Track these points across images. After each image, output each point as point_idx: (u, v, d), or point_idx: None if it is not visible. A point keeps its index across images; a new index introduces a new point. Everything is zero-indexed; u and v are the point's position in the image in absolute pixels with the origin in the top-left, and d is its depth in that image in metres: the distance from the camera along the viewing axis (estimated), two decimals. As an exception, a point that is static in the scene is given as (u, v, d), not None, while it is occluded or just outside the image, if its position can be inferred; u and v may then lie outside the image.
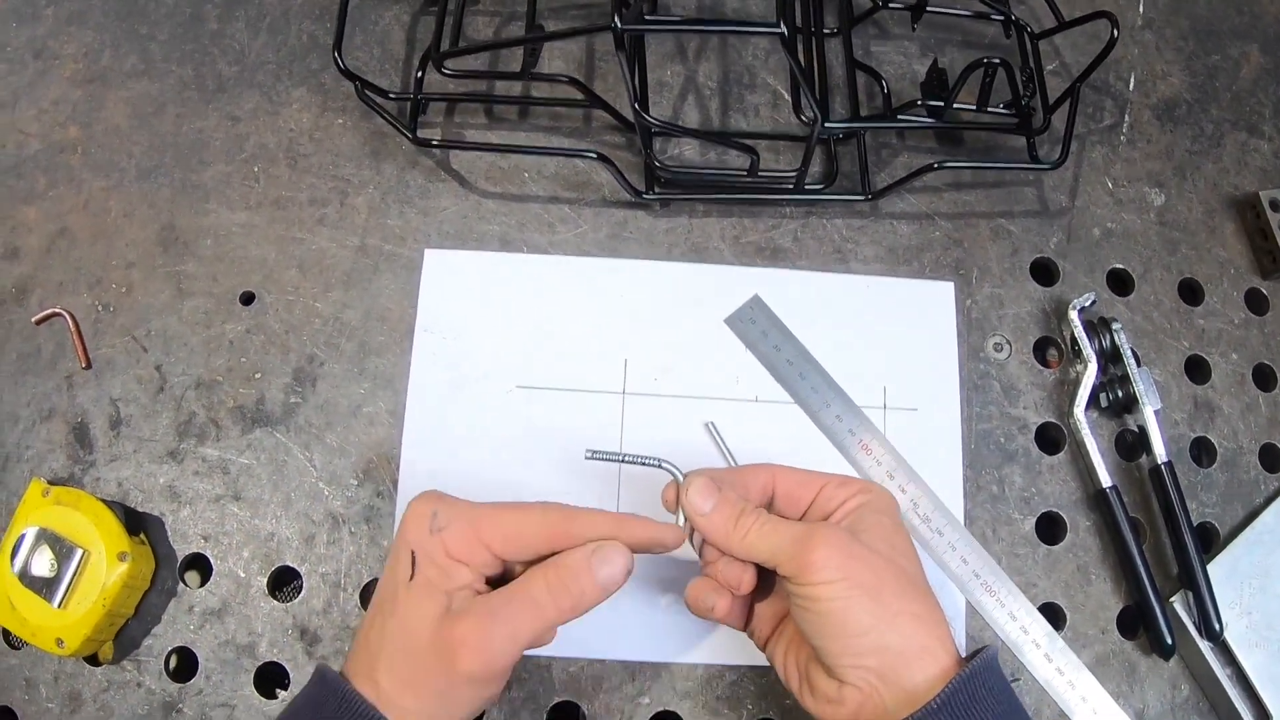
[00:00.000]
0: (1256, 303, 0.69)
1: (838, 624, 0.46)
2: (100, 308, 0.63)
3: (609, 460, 0.54)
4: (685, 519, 0.51)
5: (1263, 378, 0.67)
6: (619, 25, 0.54)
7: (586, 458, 0.53)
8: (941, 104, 0.64)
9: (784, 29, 0.54)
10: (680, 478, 0.52)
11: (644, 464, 0.53)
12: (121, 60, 0.69)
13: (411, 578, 0.48)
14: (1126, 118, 0.72)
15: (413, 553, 0.48)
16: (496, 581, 0.50)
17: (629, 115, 0.59)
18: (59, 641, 0.55)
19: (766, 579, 0.52)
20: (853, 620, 0.45)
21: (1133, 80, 0.73)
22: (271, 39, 0.70)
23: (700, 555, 0.53)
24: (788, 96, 0.69)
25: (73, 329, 0.63)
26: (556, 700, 0.58)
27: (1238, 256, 0.69)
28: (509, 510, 0.49)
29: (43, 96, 0.68)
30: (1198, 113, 0.73)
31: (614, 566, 0.48)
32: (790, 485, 0.52)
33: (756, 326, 0.64)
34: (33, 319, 0.63)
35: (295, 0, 0.71)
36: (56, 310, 0.63)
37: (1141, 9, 0.75)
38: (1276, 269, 0.68)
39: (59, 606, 0.55)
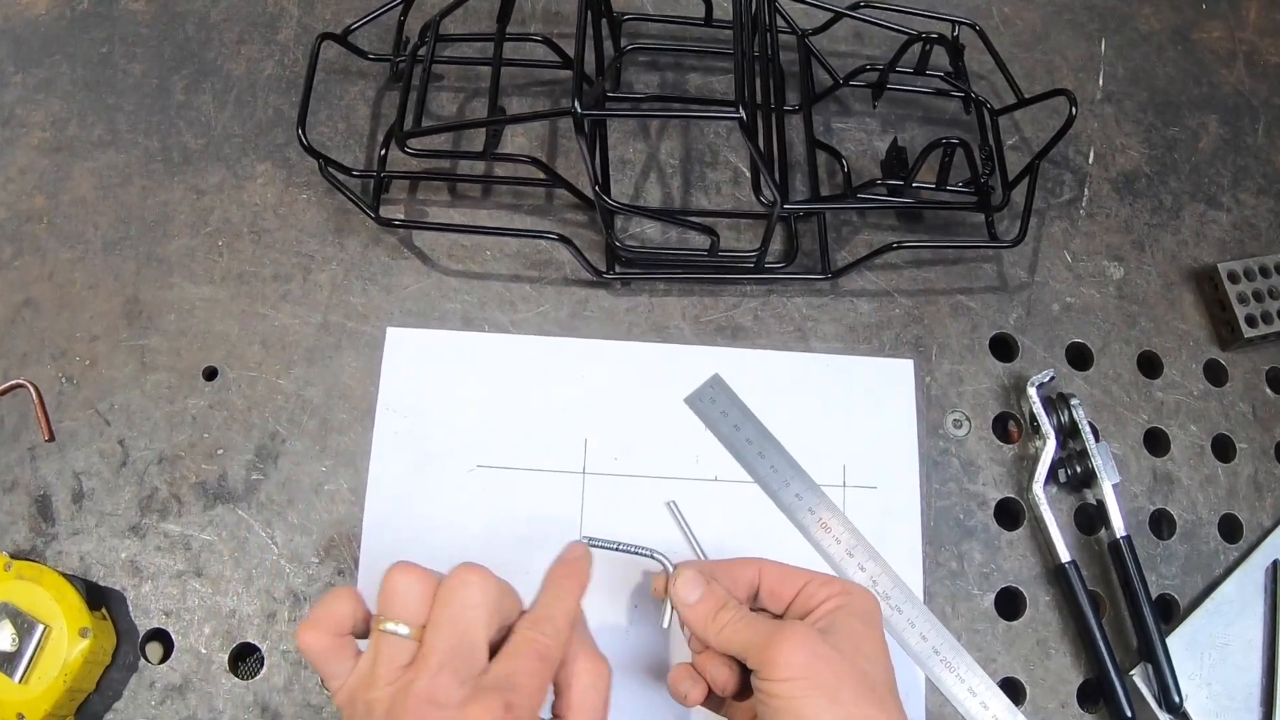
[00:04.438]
0: (1215, 374, 0.71)
1: None
2: (64, 380, 0.65)
3: (605, 548, 0.57)
4: (672, 608, 0.55)
5: (1222, 449, 0.69)
6: (579, 110, 0.55)
7: (584, 543, 0.57)
8: (901, 183, 0.66)
9: (743, 114, 0.56)
10: (670, 568, 0.56)
11: (638, 553, 0.57)
12: (88, 130, 0.71)
13: None
14: (1086, 191, 0.74)
15: None
16: None
17: (591, 195, 0.61)
18: (20, 716, 0.56)
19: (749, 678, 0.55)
20: (808, 718, 0.47)
21: (1092, 154, 0.76)
22: (238, 112, 0.72)
23: (689, 644, 0.56)
24: (749, 174, 0.72)
25: (36, 401, 0.64)
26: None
27: (1196, 328, 0.72)
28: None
29: (9, 165, 0.70)
30: (1157, 185, 0.75)
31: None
32: (774, 581, 0.55)
33: (716, 406, 0.65)
34: (-5, 390, 0.64)
35: (262, 74, 0.73)
36: (20, 381, 0.64)
37: (1101, 82, 0.78)
38: (1235, 340, 0.70)
39: (20, 682, 0.56)
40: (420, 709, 0.44)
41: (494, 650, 0.48)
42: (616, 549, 0.58)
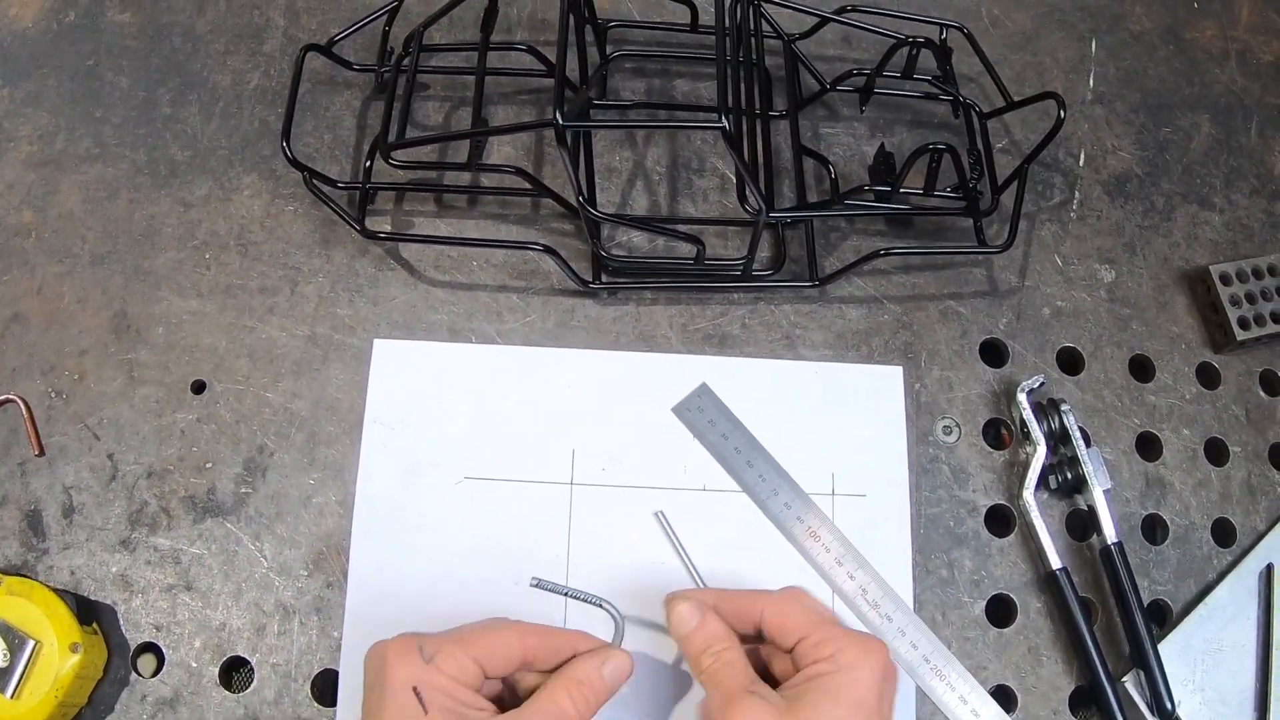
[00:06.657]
0: (1208, 377, 0.71)
1: None
2: (53, 394, 0.65)
3: (554, 592, 0.57)
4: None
5: (1215, 452, 0.69)
6: (560, 122, 0.55)
7: (531, 585, 0.57)
8: (889, 188, 0.66)
9: (727, 124, 0.56)
10: (619, 620, 0.55)
11: (586, 601, 0.57)
12: (76, 144, 0.71)
13: (426, 713, 0.47)
14: (1076, 194, 0.74)
15: (415, 689, 0.47)
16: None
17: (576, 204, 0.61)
18: (12, 732, 0.56)
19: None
20: None
21: (1083, 156, 0.75)
22: (224, 124, 0.72)
23: None
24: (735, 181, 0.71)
25: (26, 416, 0.64)
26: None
27: (1189, 331, 0.71)
28: (487, 631, 0.51)
29: (-3, 179, 0.70)
30: (1148, 187, 0.75)
31: (622, 672, 0.53)
32: (773, 626, 0.53)
33: (704, 415, 0.66)
34: (-14, 405, 0.65)
35: (248, 85, 0.73)
36: (10, 396, 0.65)
37: (1092, 82, 0.78)
38: (1227, 343, 0.70)
39: (11, 697, 0.56)
40: None
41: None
42: (566, 595, 0.57)
